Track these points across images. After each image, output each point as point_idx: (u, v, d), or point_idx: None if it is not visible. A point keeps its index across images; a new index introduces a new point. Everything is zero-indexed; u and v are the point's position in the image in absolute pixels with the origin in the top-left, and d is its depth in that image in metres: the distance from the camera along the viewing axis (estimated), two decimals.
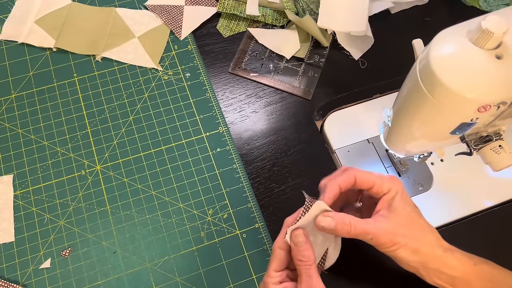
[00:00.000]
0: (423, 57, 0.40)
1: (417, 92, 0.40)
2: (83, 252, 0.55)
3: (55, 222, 0.56)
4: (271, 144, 0.62)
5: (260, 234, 0.56)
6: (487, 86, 0.36)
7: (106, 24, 0.68)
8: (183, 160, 0.60)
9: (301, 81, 0.66)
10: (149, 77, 0.65)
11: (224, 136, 0.62)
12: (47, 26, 0.67)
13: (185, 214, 0.57)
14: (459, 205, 0.59)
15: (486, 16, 0.36)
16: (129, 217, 0.57)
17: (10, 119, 0.62)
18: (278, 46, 0.67)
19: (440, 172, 0.60)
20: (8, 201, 0.57)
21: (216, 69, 0.67)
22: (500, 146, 0.44)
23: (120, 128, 0.62)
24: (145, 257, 0.55)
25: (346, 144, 0.62)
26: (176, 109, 0.63)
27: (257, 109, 0.64)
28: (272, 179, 0.59)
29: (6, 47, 0.67)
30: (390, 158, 0.62)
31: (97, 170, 0.59)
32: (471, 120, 0.39)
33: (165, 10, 0.69)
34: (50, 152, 0.60)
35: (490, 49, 0.37)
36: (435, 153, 0.54)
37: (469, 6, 0.72)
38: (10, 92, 0.63)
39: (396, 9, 0.72)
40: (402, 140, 0.50)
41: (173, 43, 0.68)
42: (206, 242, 0.56)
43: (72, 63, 0.66)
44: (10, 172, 0.59)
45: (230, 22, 0.70)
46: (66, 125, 0.62)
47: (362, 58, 0.68)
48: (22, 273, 0.53)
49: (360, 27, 0.64)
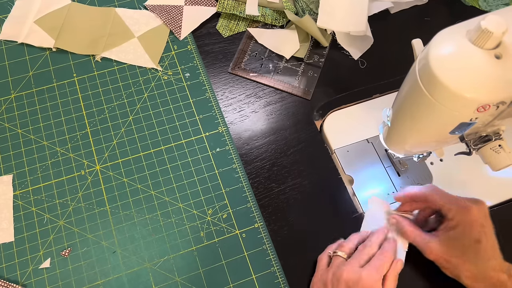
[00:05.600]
0: (422, 57, 0.40)
1: (417, 92, 0.40)
2: (83, 252, 0.55)
3: (55, 222, 0.56)
4: (270, 144, 0.62)
5: (260, 234, 0.56)
6: (486, 86, 0.36)
7: (105, 24, 0.68)
8: (182, 160, 0.60)
9: (301, 81, 0.66)
10: (148, 77, 0.65)
11: (224, 136, 0.62)
12: (47, 26, 0.67)
13: (184, 214, 0.57)
14: None
15: (486, 16, 0.36)
16: (129, 217, 0.57)
17: (10, 119, 0.62)
18: (277, 46, 0.67)
19: (439, 172, 0.61)
20: (8, 201, 0.57)
21: (216, 69, 0.67)
22: (499, 146, 0.44)
23: (120, 128, 0.62)
24: (144, 257, 0.55)
25: (345, 144, 0.62)
26: (176, 109, 0.63)
27: (256, 109, 0.64)
28: (271, 179, 0.59)
29: (6, 47, 0.67)
30: (389, 158, 0.62)
31: (96, 170, 0.59)
32: (470, 120, 0.39)
33: (165, 10, 0.69)
34: (49, 152, 0.60)
35: (490, 49, 0.37)
36: (435, 153, 0.54)
37: (469, 6, 0.72)
38: (9, 92, 0.63)
39: (396, 9, 0.72)
40: (401, 140, 0.50)
41: (173, 43, 0.68)
42: (205, 242, 0.56)
43: (72, 63, 0.66)
44: (9, 172, 0.59)
45: (229, 22, 0.70)
46: (65, 125, 0.62)
47: (362, 58, 0.68)
48: (21, 273, 0.53)
49: (359, 27, 0.64)
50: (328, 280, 0.50)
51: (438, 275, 0.50)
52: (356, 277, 0.48)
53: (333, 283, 0.49)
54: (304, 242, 0.56)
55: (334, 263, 0.51)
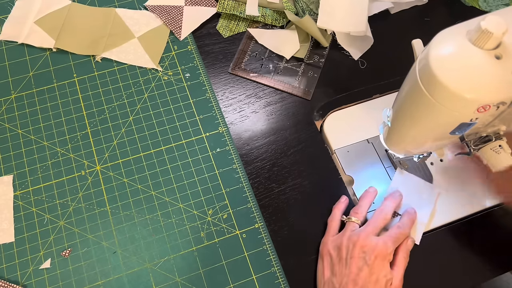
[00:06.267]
0: (422, 57, 0.40)
1: (417, 92, 0.40)
2: (83, 253, 0.55)
3: (55, 222, 0.56)
4: (270, 144, 0.62)
5: (260, 234, 0.56)
6: (486, 86, 0.36)
7: (106, 24, 0.68)
8: (183, 161, 0.60)
9: (301, 81, 0.66)
10: (149, 78, 0.65)
11: (224, 137, 0.62)
12: (47, 27, 0.67)
13: (185, 214, 0.57)
14: (458, 205, 0.59)
15: (486, 16, 0.36)
16: (129, 218, 0.57)
17: (10, 119, 0.62)
18: (277, 46, 0.67)
19: (439, 172, 0.61)
20: (8, 201, 0.57)
21: (216, 69, 0.67)
22: (500, 146, 0.44)
23: (120, 129, 0.62)
24: (145, 257, 0.55)
25: (345, 144, 0.62)
26: (176, 110, 0.63)
27: (256, 109, 0.64)
28: (271, 179, 0.59)
29: (6, 48, 0.67)
30: (389, 158, 0.62)
31: (97, 171, 0.59)
32: (470, 120, 0.39)
33: (165, 10, 0.69)
34: (50, 152, 0.60)
35: (490, 49, 0.37)
36: (435, 153, 0.54)
37: (469, 6, 0.72)
38: (10, 93, 0.64)
39: (396, 9, 0.72)
40: (401, 140, 0.50)
41: (173, 43, 0.68)
42: (206, 242, 0.56)
43: (72, 63, 0.66)
44: (10, 172, 0.59)
45: (229, 23, 0.70)
46: (66, 126, 0.62)
47: (362, 58, 0.68)
48: (22, 274, 0.53)
49: (359, 27, 0.65)
50: (342, 244, 0.51)
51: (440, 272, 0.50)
52: (373, 244, 0.49)
53: (348, 247, 0.50)
54: (304, 242, 0.56)
55: (348, 228, 0.53)
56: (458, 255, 0.56)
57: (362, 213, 0.54)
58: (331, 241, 0.53)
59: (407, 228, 0.53)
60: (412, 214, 0.55)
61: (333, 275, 0.50)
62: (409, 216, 0.54)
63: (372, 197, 0.56)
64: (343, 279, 0.49)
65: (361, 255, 0.49)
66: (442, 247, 0.56)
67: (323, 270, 0.52)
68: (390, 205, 0.54)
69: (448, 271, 0.55)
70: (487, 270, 0.55)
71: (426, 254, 0.55)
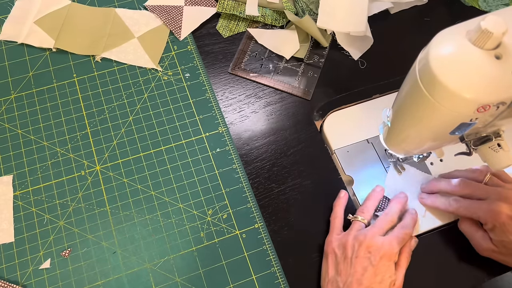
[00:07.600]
0: (422, 57, 0.40)
1: (417, 92, 0.40)
2: (83, 253, 0.55)
3: (55, 222, 0.56)
4: (270, 144, 0.62)
5: (260, 234, 0.56)
6: (486, 86, 0.36)
7: (105, 24, 0.68)
8: (182, 161, 0.60)
9: (301, 81, 0.66)
10: (148, 78, 0.65)
11: (224, 137, 0.62)
12: (47, 27, 0.67)
13: (184, 215, 0.57)
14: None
15: (486, 16, 0.36)
16: (129, 218, 0.57)
17: (10, 119, 0.62)
18: (277, 46, 0.67)
19: (439, 172, 0.60)
20: (8, 201, 0.57)
21: (216, 69, 0.67)
22: (498, 145, 0.44)
23: (120, 129, 0.62)
24: (144, 257, 0.55)
25: (345, 144, 0.62)
26: (176, 110, 0.63)
27: (256, 110, 0.64)
28: (271, 179, 0.59)
29: (6, 48, 0.67)
30: (389, 158, 0.62)
31: (96, 171, 0.59)
32: (470, 120, 0.39)
33: (165, 10, 0.69)
34: (49, 152, 0.60)
35: (490, 49, 0.37)
36: (435, 153, 0.54)
37: (469, 6, 0.72)
38: (9, 93, 0.63)
39: (396, 9, 0.72)
40: (401, 140, 0.50)
41: (173, 43, 0.68)
42: (205, 242, 0.56)
43: (72, 63, 0.66)
44: (9, 172, 0.59)
45: (229, 23, 0.70)
46: (65, 126, 0.62)
47: (362, 58, 0.68)
48: (22, 274, 0.53)
49: (359, 27, 0.64)
50: (348, 243, 0.51)
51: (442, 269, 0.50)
52: (379, 244, 0.49)
53: (354, 246, 0.50)
54: (304, 242, 0.56)
55: (354, 227, 0.53)
56: (458, 254, 0.56)
57: (369, 213, 0.54)
58: (336, 239, 0.53)
59: (411, 228, 0.53)
60: (414, 214, 0.55)
61: (338, 274, 0.50)
62: (411, 216, 0.54)
63: (379, 197, 0.56)
64: (348, 278, 0.49)
65: (367, 255, 0.49)
66: (443, 247, 0.56)
67: (328, 268, 0.52)
68: (396, 208, 0.54)
69: (448, 271, 0.55)
70: (489, 270, 0.55)
71: (427, 254, 0.55)
